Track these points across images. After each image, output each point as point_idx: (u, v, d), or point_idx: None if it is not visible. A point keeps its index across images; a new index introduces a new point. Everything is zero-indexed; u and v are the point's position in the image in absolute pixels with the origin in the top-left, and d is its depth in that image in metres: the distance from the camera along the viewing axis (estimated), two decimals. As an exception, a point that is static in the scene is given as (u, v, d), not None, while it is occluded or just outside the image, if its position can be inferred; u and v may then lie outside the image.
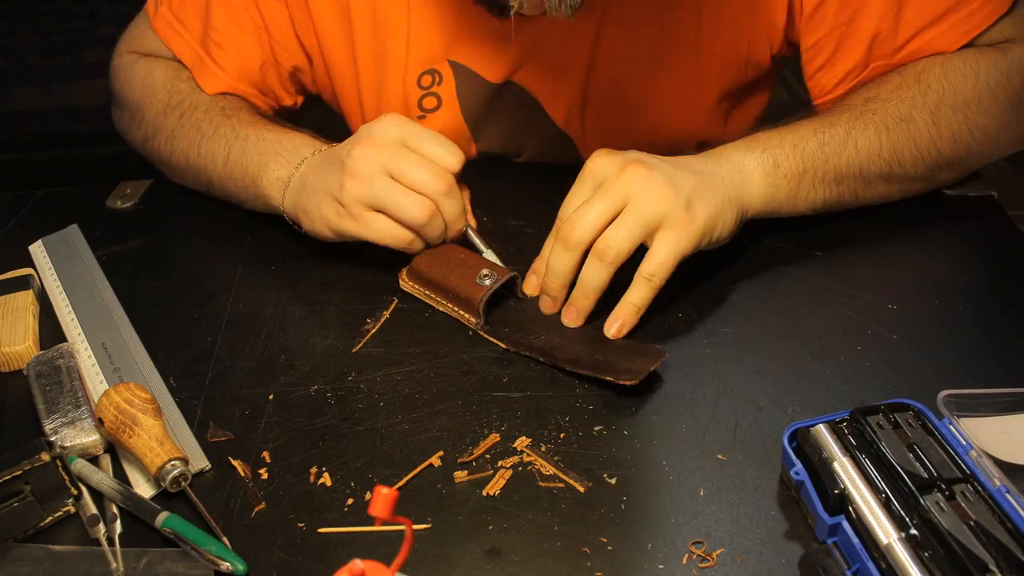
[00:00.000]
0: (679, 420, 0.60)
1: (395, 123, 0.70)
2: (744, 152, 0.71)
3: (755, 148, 0.71)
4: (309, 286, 0.77)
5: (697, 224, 0.65)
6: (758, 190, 0.70)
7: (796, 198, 0.72)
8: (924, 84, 0.74)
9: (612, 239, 0.64)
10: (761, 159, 0.70)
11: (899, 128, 0.73)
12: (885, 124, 0.72)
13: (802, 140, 0.72)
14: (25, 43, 2.22)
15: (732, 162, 0.70)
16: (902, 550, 0.46)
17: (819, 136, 0.72)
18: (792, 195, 0.72)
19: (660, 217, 0.64)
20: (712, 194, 0.66)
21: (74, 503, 0.57)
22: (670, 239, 0.64)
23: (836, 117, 0.73)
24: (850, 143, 0.72)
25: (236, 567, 0.52)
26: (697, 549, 0.51)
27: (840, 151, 0.72)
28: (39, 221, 0.90)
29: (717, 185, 0.67)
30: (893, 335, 0.66)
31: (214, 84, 0.88)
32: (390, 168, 0.69)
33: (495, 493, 0.56)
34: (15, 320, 0.73)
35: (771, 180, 0.70)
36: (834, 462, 0.52)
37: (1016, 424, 0.56)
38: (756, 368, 0.64)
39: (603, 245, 0.64)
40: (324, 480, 0.58)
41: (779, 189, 0.71)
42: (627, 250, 0.64)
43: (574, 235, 0.65)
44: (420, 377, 0.66)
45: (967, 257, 0.74)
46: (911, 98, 0.74)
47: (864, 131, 0.72)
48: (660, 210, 0.64)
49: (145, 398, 0.60)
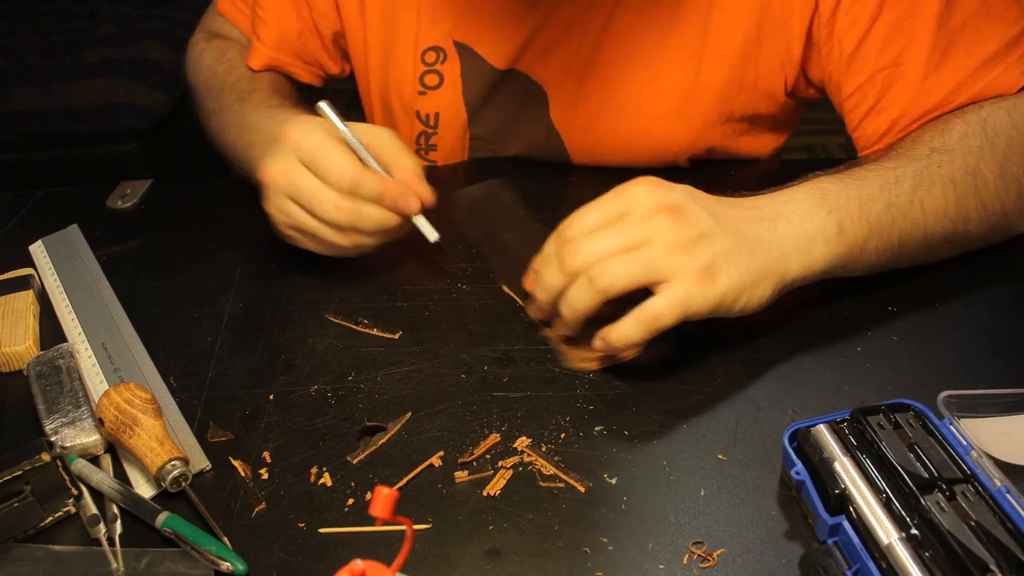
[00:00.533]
0: (679, 420, 0.60)
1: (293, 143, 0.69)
2: (807, 212, 0.62)
3: (821, 207, 0.62)
4: (309, 286, 0.77)
5: (716, 289, 0.58)
6: (817, 259, 0.62)
7: (854, 265, 0.65)
8: (992, 132, 0.68)
9: (608, 268, 0.58)
10: (826, 223, 0.62)
11: (966, 183, 0.66)
12: (952, 180, 0.66)
13: (869, 200, 0.63)
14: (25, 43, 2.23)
15: (792, 225, 0.62)
16: (903, 550, 0.46)
17: (886, 195, 0.64)
18: (852, 262, 0.64)
19: (672, 269, 0.58)
20: (745, 264, 0.59)
21: (74, 503, 0.57)
22: (681, 292, 0.57)
23: (902, 171, 0.66)
24: (916, 203, 0.65)
25: (236, 567, 0.52)
26: (697, 549, 0.51)
27: (907, 212, 0.64)
28: (39, 221, 0.90)
29: (758, 254, 0.60)
30: (893, 335, 0.66)
31: (257, 59, 0.94)
32: (293, 196, 0.69)
33: (495, 493, 0.56)
34: (15, 320, 0.73)
35: (832, 249, 0.62)
36: (835, 462, 0.52)
37: (1016, 424, 0.56)
38: (756, 368, 0.64)
39: (597, 270, 0.59)
40: (324, 480, 0.58)
41: (839, 258, 0.63)
42: (621, 285, 0.58)
43: (575, 261, 0.60)
44: (420, 377, 0.66)
45: (967, 257, 0.74)
46: (979, 148, 0.68)
47: (931, 188, 0.65)
48: (674, 262, 0.57)
49: (145, 398, 0.60)
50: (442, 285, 0.75)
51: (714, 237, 0.59)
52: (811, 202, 0.63)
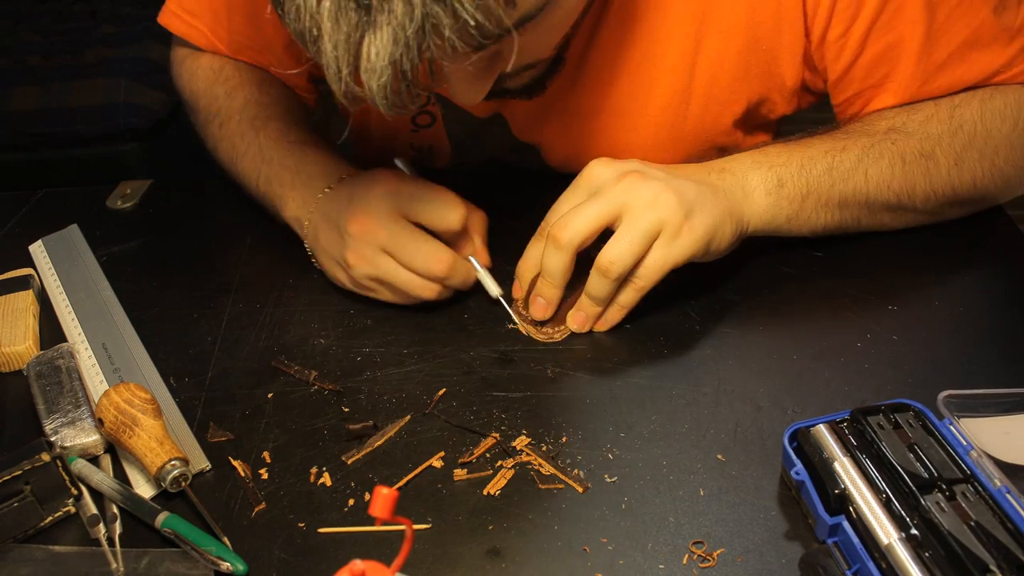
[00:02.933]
0: (679, 420, 0.60)
1: (388, 190, 0.69)
2: (749, 167, 0.69)
3: (761, 164, 0.69)
4: (309, 286, 0.77)
5: (695, 234, 0.63)
6: (759, 208, 0.68)
7: (797, 220, 0.70)
8: (957, 121, 0.71)
9: (615, 255, 0.62)
10: (766, 176, 0.68)
11: (917, 164, 0.70)
12: (902, 157, 0.70)
13: (810, 161, 0.69)
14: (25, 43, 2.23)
15: (735, 176, 0.68)
16: (902, 550, 0.46)
17: (828, 159, 0.69)
18: (793, 216, 0.70)
19: (658, 224, 0.62)
20: (712, 205, 0.64)
21: (74, 503, 0.57)
22: (665, 247, 0.63)
23: (852, 141, 0.71)
24: (860, 170, 0.69)
25: (236, 567, 0.52)
26: (697, 549, 0.51)
27: (848, 177, 0.69)
28: (39, 221, 0.90)
29: (719, 197, 0.66)
30: (893, 335, 0.66)
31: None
32: (388, 248, 0.68)
33: (495, 493, 0.56)
34: (15, 320, 0.73)
35: (773, 200, 0.68)
36: (834, 462, 0.52)
37: (1016, 424, 0.56)
38: (756, 368, 0.64)
39: (606, 262, 0.62)
40: (324, 480, 0.58)
41: (780, 209, 0.69)
42: (630, 264, 0.63)
43: (565, 234, 0.63)
44: (420, 377, 0.66)
45: (967, 257, 0.74)
46: (938, 135, 0.70)
47: (878, 161, 0.69)
48: (658, 217, 0.62)
49: (145, 398, 0.60)
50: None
51: (679, 185, 0.64)
52: (752, 159, 0.70)
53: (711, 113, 0.81)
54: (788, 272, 0.73)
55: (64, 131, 2.05)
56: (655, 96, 0.80)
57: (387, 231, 0.68)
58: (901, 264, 0.73)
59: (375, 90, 0.51)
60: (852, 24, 0.71)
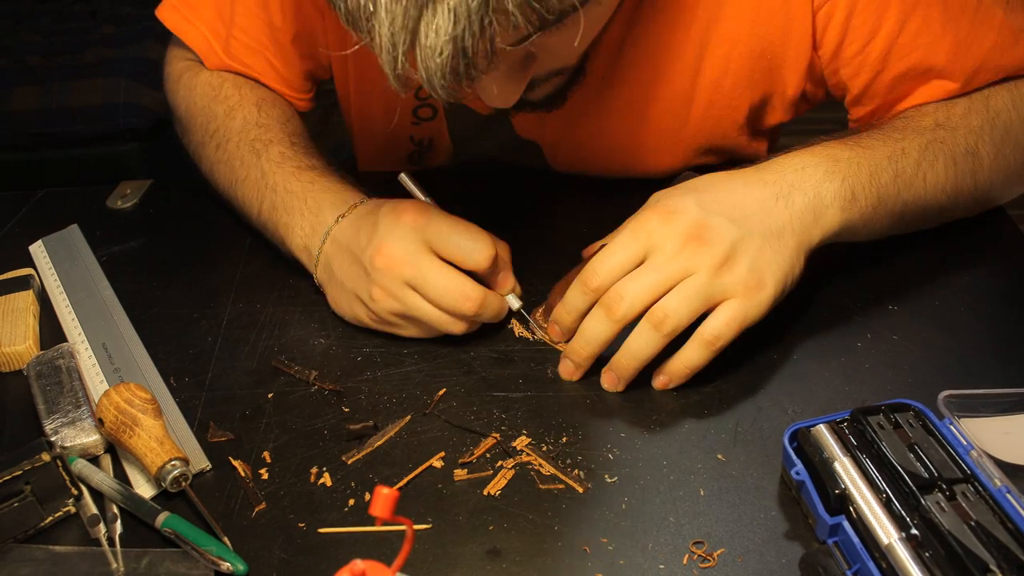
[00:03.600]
0: (679, 420, 0.60)
1: (416, 224, 0.65)
2: (822, 179, 0.63)
3: (835, 175, 0.63)
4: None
5: (766, 292, 0.59)
6: (832, 224, 0.63)
7: (863, 230, 0.67)
8: (993, 111, 0.70)
9: (671, 309, 0.58)
10: (840, 190, 0.63)
11: (965, 163, 0.68)
12: (954, 158, 0.68)
13: (879, 170, 0.65)
14: (25, 43, 2.22)
15: (806, 196, 0.62)
16: (903, 550, 0.46)
17: (894, 166, 0.66)
18: (863, 228, 0.66)
19: (726, 289, 0.59)
20: (781, 253, 0.60)
21: (74, 503, 0.57)
22: (737, 306, 0.59)
23: (908, 144, 0.67)
24: (920, 176, 0.67)
25: (236, 567, 0.52)
26: (698, 549, 0.51)
27: (911, 184, 0.66)
28: (39, 221, 0.90)
29: (786, 236, 0.61)
30: (893, 335, 0.66)
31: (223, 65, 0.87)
32: (415, 284, 0.64)
33: (495, 493, 0.56)
34: (15, 320, 0.73)
35: (847, 215, 0.63)
36: (835, 462, 0.52)
37: (1017, 424, 0.56)
38: (756, 368, 0.64)
39: (661, 314, 0.58)
40: (324, 480, 0.58)
41: (852, 223, 0.64)
42: (686, 323, 0.59)
43: (622, 308, 0.59)
44: (420, 377, 0.66)
45: (967, 257, 0.74)
46: (979, 128, 0.69)
47: (934, 164, 0.67)
48: (726, 283, 0.58)
49: (145, 398, 0.60)
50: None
51: (744, 243, 0.59)
52: (824, 169, 0.64)
53: (712, 118, 0.81)
54: (788, 272, 0.73)
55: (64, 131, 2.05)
56: (659, 99, 0.80)
57: (414, 267, 0.64)
58: (901, 264, 0.73)
59: (432, 70, 0.49)
60: (870, 41, 0.71)
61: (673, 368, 0.61)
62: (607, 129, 0.83)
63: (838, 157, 0.65)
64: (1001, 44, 0.71)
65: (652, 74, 0.79)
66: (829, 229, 0.63)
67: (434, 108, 0.88)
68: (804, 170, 0.64)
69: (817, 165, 0.64)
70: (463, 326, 0.66)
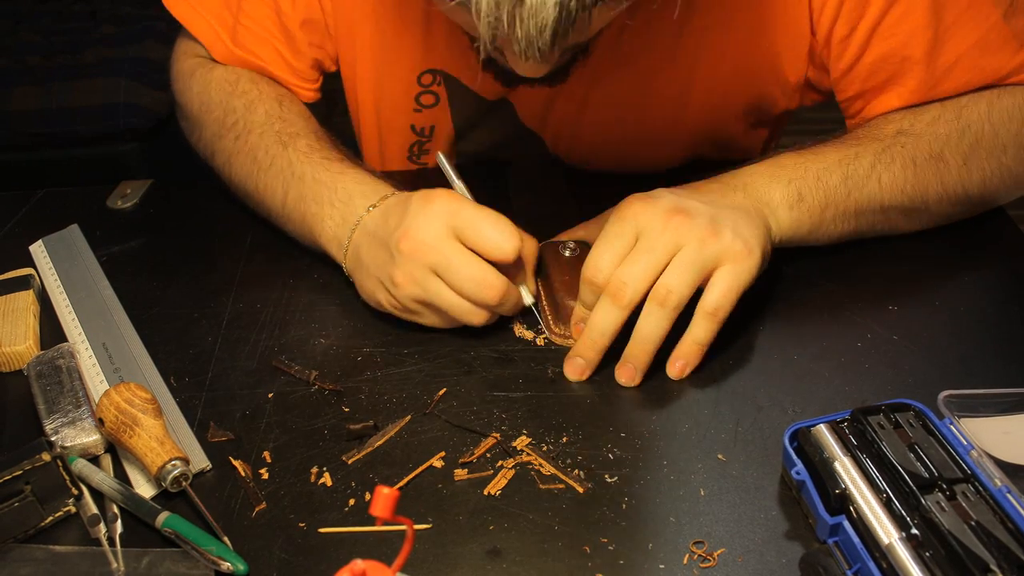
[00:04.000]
0: (679, 420, 0.60)
1: (444, 211, 0.64)
2: (769, 182, 0.68)
3: (780, 178, 0.68)
4: (309, 286, 0.77)
5: (755, 255, 0.61)
6: (783, 222, 0.68)
7: (817, 232, 0.70)
8: (964, 121, 0.71)
9: (672, 283, 0.60)
10: (786, 191, 0.68)
11: (928, 166, 0.70)
12: (913, 160, 0.70)
13: (826, 172, 0.69)
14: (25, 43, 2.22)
15: (757, 192, 0.67)
16: (903, 550, 0.46)
17: (843, 168, 0.69)
18: (814, 228, 0.69)
19: (717, 255, 0.60)
20: (756, 225, 0.64)
21: (75, 503, 0.57)
22: (731, 272, 0.61)
23: (863, 148, 0.70)
24: (873, 177, 0.69)
25: (237, 567, 0.52)
26: (698, 549, 0.51)
27: (863, 185, 0.69)
28: (39, 221, 0.90)
29: (752, 216, 0.65)
30: (893, 335, 0.66)
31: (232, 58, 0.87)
32: (439, 270, 0.64)
33: (496, 493, 0.56)
34: (15, 320, 0.73)
35: (795, 214, 0.68)
36: (835, 462, 0.52)
37: (1017, 424, 0.56)
38: (756, 368, 0.64)
39: (663, 290, 0.60)
40: (325, 480, 0.58)
41: (802, 223, 0.68)
42: (688, 294, 0.60)
43: (627, 293, 0.60)
44: (420, 377, 0.66)
45: (967, 257, 0.74)
46: (946, 135, 0.70)
47: (890, 166, 0.69)
48: (716, 249, 0.60)
49: (145, 398, 0.60)
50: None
51: (722, 215, 0.62)
52: (769, 174, 0.68)
53: (712, 107, 0.81)
54: (788, 272, 0.73)
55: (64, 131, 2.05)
56: (658, 88, 0.80)
57: (440, 253, 0.63)
58: (901, 264, 0.73)
59: (532, 33, 0.50)
60: (857, 25, 0.72)
61: (684, 350, 0.63)
62: (608, 118, 0.83)
63: (783, 164, 0.69)
64: (985, 45, 0.71)
65: (652, 60, 0.79)
66: (781, 225, 0.68)
67: (436, 95, 0.88)
68: (753, 175, 0.69)
69: (763, 172, 0.69)
70: (483, 316, 0.66)
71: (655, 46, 0.78)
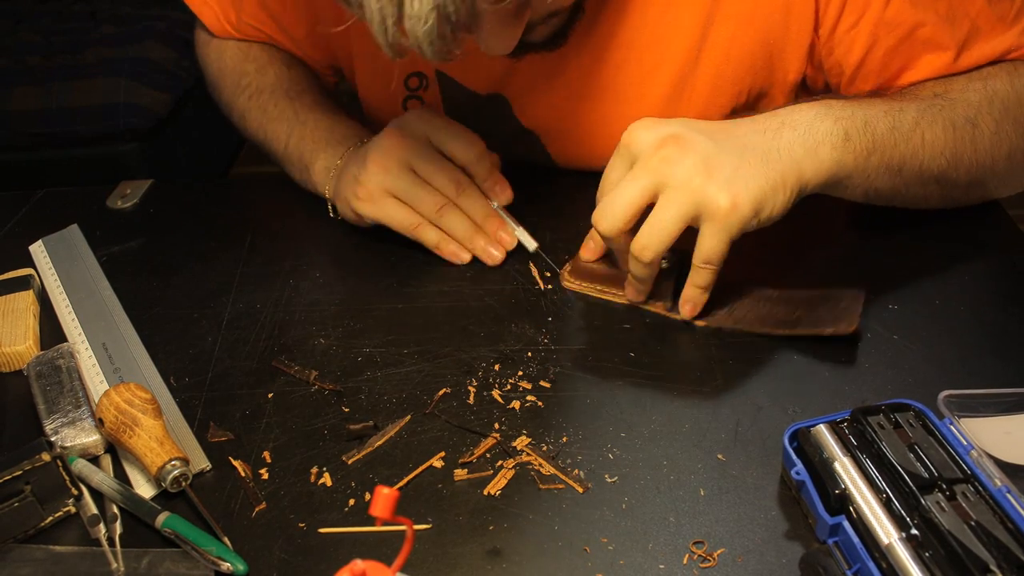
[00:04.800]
0: (679, 420, 0.60)
1: (421, 117, 0.76)
2: (814, 119, 0.64)
3: (826, 116, 0.64)
4: (309, 286, 0.77)
5: (740, 212, 0.60)
6: (825, 163, 0.63)
7: (858, 177, 0.66)
8: (991, 89, 0.71)
9: (646, 241, 0.62)
10: (832, 129, 0.64)
11: (964, 130, 0.69)
12: (953, 123, 0.69)
13: (874, 119, 0.66)
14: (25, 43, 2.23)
15: (796, 130, 0.64)
16: (903, 550, 0.46)
17: (890, 118, 0.66)
18: (856, 173, 0.65)
19: (697, 206, 0.60)
20: (760, 174, 0.61)
21: (74, 503, 0.57)
22: (712, 229, 0.61)
23: (907, 104, 0.68)
24: (917, 133, 0.67)
25: (237, 567, 0.52)
26: (698, 549, 0.51)
27: (908, 139, 0.67)
28: (39, 221, 0.90)
29: (771, 162, 0.62)
30: (893, 335, 0.66)
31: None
32: (410, 162, 0.74)
33: (496, 493, 0.56)
34: (15, 320, 0.73)
35: (839, 155, 0.64)
36: (835, 462, 0.52)
37: (1017, 424, 0.56)
38: (756, 368, 0.64)
39: (638, 246, 0.63)
40: (325, 480, 0.58)
41: (845, 165, 0.64)
42: (663, 249, 0.62)
43: (603, 225, 0.63)
44: (420, 377, 0.66)
45: (967, 257, 0.74)
46: (978, 102, 0.70)
47: (932, 125, 0.68)
48: (697, 199, 0.60)
49: (145, 398, 0.60)
50: (444, 287, 0.75)
51: (721, 158, 0.61)
52: (816, 111, 0.65)
53: (713, 105, 0.81)
54: (788, 272, 0.73)
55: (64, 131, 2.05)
56: (658, 84, 0.80)
57: (412, 149, 0.74)
58: (901, 264, 0.73)
59: (420, 37, 0.53)
60: (863, 14, 0.71)
61: (689, 294, 0.67)
62: (606, 113, 0.83)
63: (831, 104, 0.66)
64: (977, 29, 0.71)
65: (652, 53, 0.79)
66: (821, 166, 0.63)
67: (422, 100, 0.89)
68: (795, 111, 0.65)
69: (809, 108, 0.66)
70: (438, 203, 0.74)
71: (657, 36, 0.78)
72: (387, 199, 0.75)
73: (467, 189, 0.76)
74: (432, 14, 0.51)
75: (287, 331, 0.72)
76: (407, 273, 0.77)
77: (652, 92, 0.81)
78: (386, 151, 0.75)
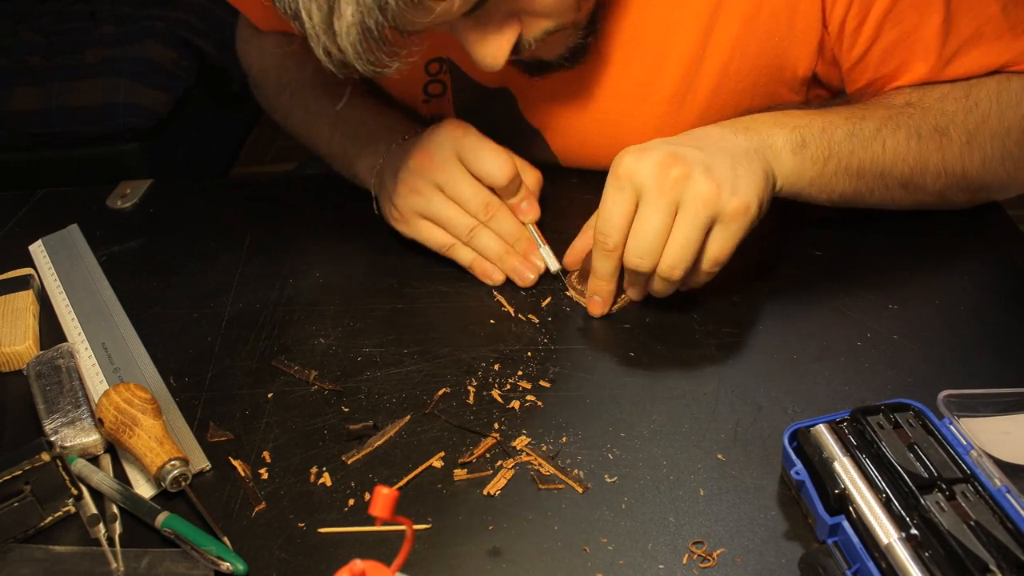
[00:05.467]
0: (679, 420, 0.60)
1: (451, 135, 0.74)
2: (773, 127, 0.68)
3: (784, 124, 0.69)
4: (309, 286, 0.77)
5: (751, 211, 0.63)
6: (786, 168, 0.68)
7: (819, 183, 0.70)
8: (972, 100, 0.72)
9: (675, 261, 0.63)
10: (790, 136, 0.68)
11: (931, 139, 0.70)
12: (918, 131, 0.70)
13: (831, 125, 0.69)
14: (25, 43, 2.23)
15: (760, 135, 0.68)
16: (902, 550, 0.46)
17: (849, 125, 0.70)
18: (816, 178, 0.69)
19: (715, 214, 0.62)
20: (751, 172, 0.64)
21: (74, 503, 0.57)
22: (726, 231, 0.63)
23: (870, 112, 0.71)
24: (878, 140, 0.70)
25: (236, 567, 0.52)
26: (697, 549, 0.51)
27: (867, 145, 0.69)
28: (39, 221, 0.90)
29: (753, 160, 0.65)
30: (893, 335, 0.66)
31: None
32: (440, 184, 0.74)
33: (495, 493, 0.56)
34: (15, 320, 0.73)
35: (798, 160, 0.68)
36: (834, 462, 0.52)
37: (1016, 424, 0.56)
38: (756, 368, 0.64)
39: (667, 268, 0.63)
40: (324, 480, 0.58)
41: (804, 170, 0.69)
42: (691, 262, 0.63)
43: (646, 264, 0.64)
44: (420, 377, 0.66)
45: (967, 257, 0.74)
46: (953, 112, 0.71)
47: (895, 132, 0.70)
48: (714, 210, 0.62)
49: (145, 398, 0.60)
50: (444, 287, 0.75)
51: (717, 164, 0.63)
52: (774, 120, 0.69)
53: (716, 106, 0.81)
54: (788, 272, 0.73)
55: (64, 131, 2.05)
56: (663, 84, 0.80)
57: (443, 171, 0.73)
58: (901, 264, 0.73)
59: (349, 52, 0.55)
60: (869, 12, 0.72)
61: (693, 281, 0.67)
62: (611, 112, 0.83)
63: (789, 113, 0.70)
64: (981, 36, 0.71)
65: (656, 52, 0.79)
66: (784, 169, 0.68)
67: (443, 84, 0.89)
68: (755, 119, 0.70)
69: (767, 116, 0.70)
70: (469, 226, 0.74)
71: (662, 38, 0.78)
72: (420, 221, 0.75)
73: (497, 212, 0.75)
74: (354, 29, 0.54)
75: (287, 331, 0.72)
76: (407, 273, 0.77)
77: (657, 91, 0.81)
78: (416, 173, 0.74)
